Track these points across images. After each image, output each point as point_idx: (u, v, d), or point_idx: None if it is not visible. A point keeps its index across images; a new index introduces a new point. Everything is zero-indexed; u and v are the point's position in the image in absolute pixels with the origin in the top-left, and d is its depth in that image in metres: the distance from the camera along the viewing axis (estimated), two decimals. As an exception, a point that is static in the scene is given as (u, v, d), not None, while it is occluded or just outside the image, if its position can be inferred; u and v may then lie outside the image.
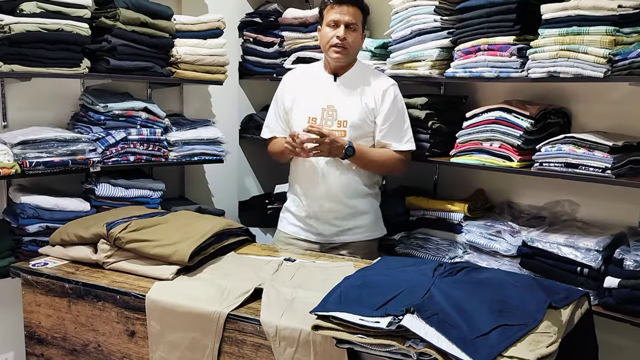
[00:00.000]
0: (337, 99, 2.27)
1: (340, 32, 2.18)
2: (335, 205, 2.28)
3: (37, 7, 2.19)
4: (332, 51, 2.22)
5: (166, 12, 2.57)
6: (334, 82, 2.29)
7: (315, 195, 2.30)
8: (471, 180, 2.68)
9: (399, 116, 2.29)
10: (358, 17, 2.23)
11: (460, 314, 1.42)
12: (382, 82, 2.30)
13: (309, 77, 2.37)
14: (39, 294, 1.91)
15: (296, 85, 2.37)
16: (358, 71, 2.32)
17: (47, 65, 2.25)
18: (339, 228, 2.31)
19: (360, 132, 2.25)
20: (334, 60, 2.25)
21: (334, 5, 2.21)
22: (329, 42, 2.22)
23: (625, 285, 1.94)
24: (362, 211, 2.33)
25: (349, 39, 2.20)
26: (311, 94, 2.31)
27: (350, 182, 2.28)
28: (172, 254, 1.86)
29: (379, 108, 2.26)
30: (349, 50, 2.22)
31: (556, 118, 2.30)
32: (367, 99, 2.26)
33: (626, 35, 1.95)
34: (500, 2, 2.21)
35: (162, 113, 2.62)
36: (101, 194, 2.43)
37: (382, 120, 2.26)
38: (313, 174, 2.28)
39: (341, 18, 2.19)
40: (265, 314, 1.58)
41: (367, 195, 2.34)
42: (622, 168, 1.99)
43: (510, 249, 2.27)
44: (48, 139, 2.27)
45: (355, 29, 2.22)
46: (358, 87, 2.28)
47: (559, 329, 1.45)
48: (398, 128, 2.29)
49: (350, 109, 2.25)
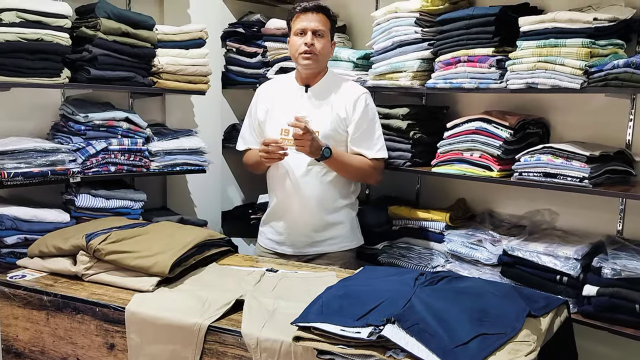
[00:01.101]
0: (308, 110, 2.25)
1: (308, 39, 2.20)
2: (311, 217, 2.28)
3: (17, 17, 2.17)
4: (301, 58, 2.23)
5: (148, 22, 2.56)
6: (306, 93, 2.30)
7: (290, 207, 2.30)
8: (452, 190, 2.70)
9: (370, 125, 2.30)
10: (325, 24, 2.25)
11: (441, 323, 1.43)
12: (353, 91, 2.31)
13: (282, 89, 2.38)
14: (17, 307, 1.88)
15: (269, 97, 2.38)
16: (329, 81, 2.33)
17: (26, 75, 2.22)
18: (313, 240, 2.31)
19: (332, 142, 2.25)
20: (304, 67, 2.25)
21: (300, 14, 2.23)
22: (297, 50, 2.23)
23: (604, 294, 1.96)
24: (338, 222, 2.33)
25: (317, 46, 2.21)
26: (283, 105, 2.31)
27: (326, 192, 2.28)
28: (152, 265, 1.84)
29: (351, 117, 2.27)
30: (318, 57, 2.23)
31: (535, 128, 2.34)
32: (339, 109, 2.27)
33: (602, 48, 1.99)
34: (480, 15, 2.24)
35: (144, 123, 2.60)
36: (81, 204, 2.40)
37: (353, 129, 2.27)
38: (288, 185, 2.29)
39: (308, 25, 2.21)
40: (246, 325, 1.57)
41: (343, 206, 2.34)
42: (599, 177, 2.02)
43: (491, 258, 2.29)
44: (27, 150, 2.24)
45: (322, 36, 2.23)
46: (329, 97, 2.29)
47: (538, 338, 1.46)
48: (369, 136, 2.30)
49: (322, 119, 2.25)
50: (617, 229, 2.25)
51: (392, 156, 2.53)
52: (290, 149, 2.19)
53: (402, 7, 2.48)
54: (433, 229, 2.52)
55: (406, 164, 2.49)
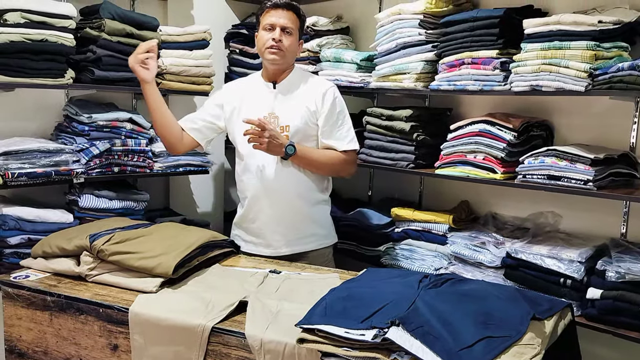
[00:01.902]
0: (277, 105, 2.25)
1: (276, 35, 2.18)
2: (283, 213, 2.25)
3: (22, 18, 2.18)
4: (268, 52, 2.21)
5: (152, 23, 2.57)
6: (274, 89, 2.29)
7: (262, 205, 2.26)
8: (456, 192, 2.70)
9: (339, 117, 2.28)
10: (294, 22, 2.23)
11: (445, 326, 1.42)
12: (321, 85, 2.30)
13: (248, 86, 2.35)
14: (20, 307, 1.87)
15: (236, 95, 2.34)
16: (296, 76, 2.31)
17: (31, 76, 2.23)
18: (288, 237, 2.27)
19: (303, 136, 2.24)
20: (270, 62, 2.23)
21: (270, 9, 2.22)
22: (264, 44, 2.20)
23: (608, 297, 1.96)
24: (314, 219, 2.31)
25: (285, 42, 2.20)
26: (251, 102, 2.29)
27: (298, 188, 2.26)
28: (156, 266, 1.84)
29: (320, 110, 2.25)
30: (285, 52, 2.21)
31: (539, 131, 2.33)
32: (308, 102, 2.25)
33: (606, 50, 1.98)
34: (484, 17, 2.24)
35: (147, 124, 2.61)
36: (84, 205, 2.41)
37: (323, 122, 2.25)
38: (258, 183, 2.25)
39: (277, 21, 2.20)
40: (250, 327, 1.57)
41: (318, 202, 2.32)
42: (604, 180, 2.02)
43: (494, 260, 2.29)
44: (31, 150, 2.25)
45: (291, 33, 2.22)
46: (297, 91, 2.28)
47: (543, 341, 1.46)
48: (339, 128, 2.28)
49: (292, 114, 2.24)
50: (621, 231, 2.25)
51: (395, 158, 2.53)
52: None
53: (406, 9, 2.48)
54: (436, 231, 2.52)
55: (409, 165, 2.49)
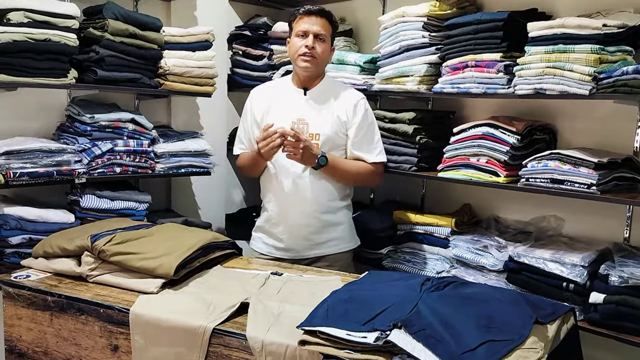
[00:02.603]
0: (307, 112, 2.26)
1: (309, 42, 2.19)
2: (309, 220, 2.26)
3: (25, 17, 2.18)
4: (301, 60, 2.22)
5: (155, 23, 2.57)
6: (304, 95, 2.29)
7: (288, 211, 2.28)
8: (458, 195, 2.69)
9: (370, 129, 2.30)
10: (327, 29, 2.24)
11: (448, 329, 1.42)
12: (352, 96, 2.31)
13: (278, 91, 2.35)
14: (21, 307, 1.87)
15: (265, 99, 2.34)
16: (327, 85, 2.33)
17: (33, 75, 2.23)
18: (312, 242, 2.29)
19: (332, 145, 2.25)
20: (303, 69, 2.24)
21: (304, 16, 2.22)
22: (297, 51, 2.22)
23: (611, 301, 1.95)
24: (337, 223, 2.32)
25: (318, 49, 2.21)
26: (281, 108, 2.29)
27: (323, 196, 2.27)
28: (157, 267, 1.84)
29: (351, 121, 2.26)
30: (318, 60, 2.22)
31: (542, 134, 2.33)
32: (339, 111, 2.26)
33: (611, 54, 1.98)
34: (488, 20, 2.24)
35: (150, 125, 2.61)
36: (86, 205, 2.40)
37: (354, 133, 2.27)
38: (285, 189, 2.26)
39: (310, 28, 2.20)
40: (251, 328, 1.56)
41: (340, 208, 2.33)
42: (607, 184, 2.01)
43: (496, 264, 2.28)
44: (33, 150, 2.24)
45: (324, 40, 2.23)
46: (328, 100, 2.28)
47: (546, 345, 1.45)
48: (369, 140, 2.30)
49: (322, 122, 2.25)
50: (624, 236, 2.24)
51: (398, 160, 2.53)
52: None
53: (410, 11, 2.47)
54: (438, 234, 2.51)
55: (412, 168, 2.49)
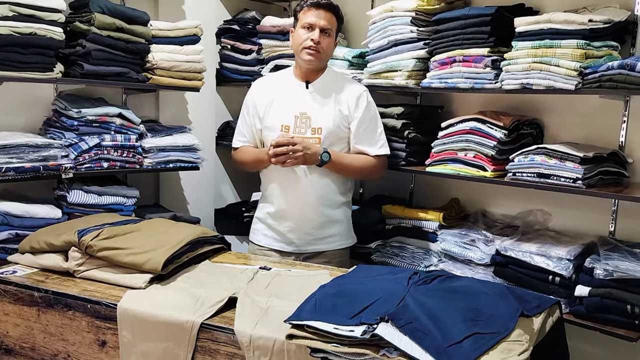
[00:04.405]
0: (310, 106, 2.26)
1: (315, 36, 2.18)
2: (311, 214, 2.28)
3: (10, 11, 2.15)
4: (305, 53, 2.21)
5: (142, 17, 2.55)
6: (306, 89, 2.28)
7: (291, 205, 2.28)
8: (446, 190, 2.70)
9: (372, 122, 2.30)
10: (333, 24, 2.24)
11: (434, 322, 1.43)
12: (354, 89, 2.31)
13: (280, 84, 2.34)
14: (7, 303, 1.86)
15: (267, 92, 2.33)
16: (330, 78, 2.32)
17: (19, 70, 2.20)
18: (313, 237, 2.30)
19: (335, 139, 2.25)
20: (306, 62, 2.24)
21: (311, 7, 2.20)
22: (302, 44, 2.21)
23: (596, 294, 1.97)
24: (336, 219, 2.34)
25: (323, 44, 2.20)
26: (283, 101, 2.29)
27: (326, 190, 2.28)
28: (145, 262, 1.83)
29: (353, 114, 2.27)
30: (322, 54, 2.22)
31: (529, 129, 2.34)
32: (341, 105, 2.26)
33: (596, 49, 2.00)
34: (475, 15, 2.25)
35: (137, 119, 2.59)
36: (73, 200, 2.39)
37: (356, 126, 2.27)
38: (289, 184, 2.27)
39: (317, 22, 2.19)
40: (239, 323, 1.57)
41: (341, 203, 2.35)
42: (593, 179, 2.03)
43: (484, 258, 2.30)
44: (19, 145, 2.22)
45: (329, 34, 2.23)
46: (331, 93, 2.28)
47: (531, 337, 1.46)
48: (372, 133, 2.30)
49: (324, 115, 2.25)
50: (610, 229, 2.26)
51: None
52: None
53: (398, 6, 2.48)
54: (426, 229, 2.52)
55: (400, 163, 2.50)
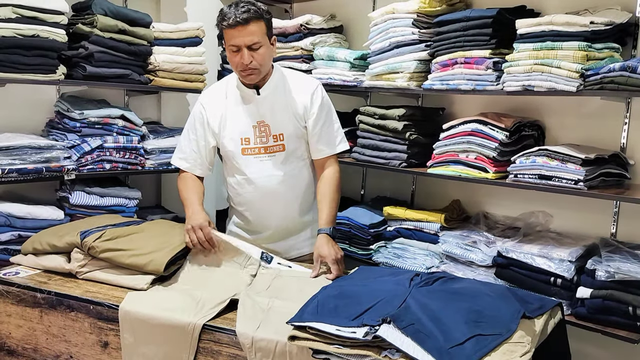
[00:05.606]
0: (265, 113, 2.12)
1: (245, 58, 1.98)
2: (286, 223, 2.20)
3: (13, 13, 2.17)
4: (242, 75, 2.06)
5: (145, 19, 2.56)
6: (258, 95, 2.11)
7: (266, 215, 2.19)
8: (447, 191, 2.70)
9: (328, 118, 2.19)
10: (259, 31, 1.98)
11: (436, 324, 1.43)
12: (307, 85, 2.17)
13: (229, 95, 2.16)
14: (10, 304, 1.86)
15: (218, 106, 2.15)
16: (278, 78, 2.15)
17: (22, 71, 2.22)
18: (288, 244, 2.23)
19: (295, 139, 2.16)
20: (248, 81, 2.08)
21: (230, 28, 1.96)
22: (236, 66, 2.03)
23: (597, 296, 1.97)
24: (309, 223, 2.26)
25: (257, 59, 2.00)
26: (238, 114, 2.13)
27: (302, 199, 2.21)
28: (147, 263, 1.84)
29: (310, 111, 2.14)
30: (260, 68, 2.03)
31: (530, 130, 2.34)
32: (296, 105, 2.13)
33: (598, 51, 1.99)
34: (477, 17, 2.25)
35: (139, 121, 2.60)
36: (75, 202, 2.40)
37: (312, 124, 2.14)
38: (263, 195, 2.16)
39: (241, 42, 1.96)
40: (241, 324, 1.57)
41: (314, 207, 2.26)
42: (594, 180, 2.03)
43: (485, 259, 2.30)
44: (22, 146, 2.23)
45: (260, 44, 1.99)
46: (283, 94, 2.14)
47: (533, 339, 1.47)
48: (329, 130, 2.20)
49: (282, 121, 2.12)
50: (611, 231, 2.26)
51: (388, 157, 2.54)
52: (257, 158, 2.11)
53: (400, 8, 2.48)
54: (428, 230, 2.52)
55: (402, 164, 2.49)
